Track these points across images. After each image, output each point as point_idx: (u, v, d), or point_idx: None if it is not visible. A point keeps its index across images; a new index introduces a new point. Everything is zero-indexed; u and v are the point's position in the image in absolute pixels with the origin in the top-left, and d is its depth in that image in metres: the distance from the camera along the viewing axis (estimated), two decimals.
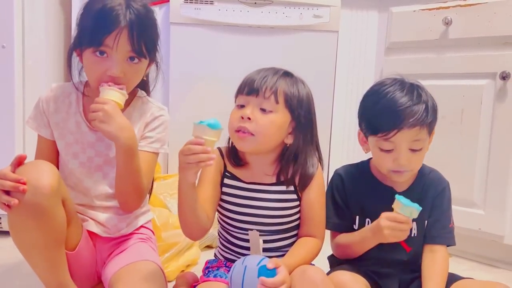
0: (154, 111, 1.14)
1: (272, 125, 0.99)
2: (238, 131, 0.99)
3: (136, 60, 1.03)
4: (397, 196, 0.99)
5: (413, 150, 1.01)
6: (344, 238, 1.09)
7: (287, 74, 1.04)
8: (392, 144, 1.01)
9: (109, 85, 0.99)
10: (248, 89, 1.00)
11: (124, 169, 1.03)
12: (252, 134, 0.98)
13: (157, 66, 1.14)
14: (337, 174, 1.14)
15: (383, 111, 1.01)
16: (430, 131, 1.04)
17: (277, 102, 0.99)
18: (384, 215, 0.98)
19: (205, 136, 0.89)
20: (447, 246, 1.09)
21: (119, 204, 1.10)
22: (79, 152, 1.09)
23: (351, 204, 1.10)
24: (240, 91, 1.03)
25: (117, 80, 1.01)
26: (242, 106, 1.01)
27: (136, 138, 1.07)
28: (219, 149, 1.09)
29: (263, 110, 0.99)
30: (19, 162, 0.92)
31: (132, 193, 1.06)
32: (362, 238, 1.04)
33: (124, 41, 0.99)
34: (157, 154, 1.14)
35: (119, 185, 1.06)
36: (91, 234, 1.09)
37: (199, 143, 0.87)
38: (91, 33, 0.99)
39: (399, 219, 0.97)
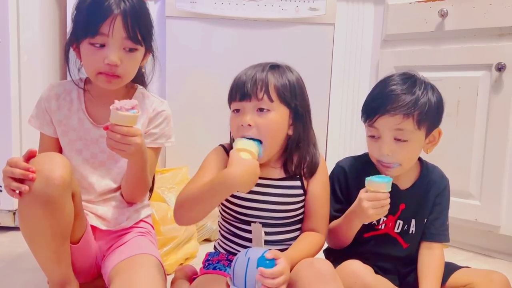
0: (157, 106, 1.15)
1: (273, 124, 0.99)
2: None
3: (132, 48, 1.03)
4: (367, 178, 0.99)
5: (397, 140, 1.00)
6: (334, 223, 1.09)
7: (273, 67, 1.02)
8: (377, 131, 1.01)
9: (118, 108, 0.94)
10: (240, 94, 0.99)
11: (134, 173, 1.07)
12: (260, 142, 0.98)
13: (153, 56, 1.14)
14: (340, 167, 1.13)
15: (372, 98, 1.04)
16: (424, 127, 1.01)
17: (271, 100, 0.98)
18: (364, 196, 0.98)
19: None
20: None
21: (125, 198, 1.13)
22: (82, 149, 1.10)
23: (353, 199, 1.08)
24: (232, 98, 1.01)
25: (114, 69, 1.01)
26: (238, 111, 1.00)
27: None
28: (223, 146, 1.08)
29: (260, 110, 0.98)
30: (29, 156, 0.93)
31: (139, 188, 1.11)
32: (348, 220, 1.04)
33: (119, 27, 1.00)
34: (160, 148, 1.17)
35: (127, 185, 1.10)
36: (91, 227, 1.10)
37: None
38: (86, 23, 1.00)
39: (379, 197, 0.97)
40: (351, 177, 1.10)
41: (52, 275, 0.99)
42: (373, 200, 0.96)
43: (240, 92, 0.99)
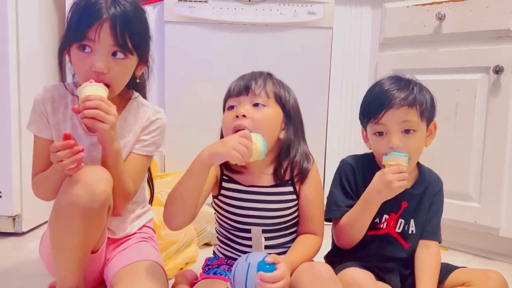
0: (150, 115, 1.11)
1: (268, 118, 1.01)
2: (236, 131, 0.97)
3: (121, 56, 0.99)
4: (390, 153, 1.03)
5: (405, 132, 1.04)
6: (347, 216, 1.08)
7: (271, 75, 1.07)
8: (384, 127, 1.04)
9: (90, 82, 0.94)
10: (238, 89, 1.02)
11: (110, 166, 1.00)
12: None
13: (147, 67, 1.10)
14: (346, 163, 1.14)
15: (373, 98, 1.08)
16: (425, 119, 1.05)
17: (268, 96, 1.02)
18: (387, 170, 1.01)
19: None
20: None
21: None
22: None
23: (360, 195, 1.09)
24: (229, 95, 1.05)
25: (101, 76, 0.98)
26: (233, 107, 1.03)
27: (132, 142, 1.09)
28: None
29: (255, 105, 1.01)
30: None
31: (117, 195, 1.02)
32: (365, 204, 1.04)
33: (106, 33, 0.96)
34: (150, 157, 1.13)
35: None
36: None
37: None
38: (75, 28, 0.98)
39: (402, 169, 1.00)
40: (358, 173, 1.12)
41: (65, 282, 0.99)
42: (396, 173, 1.00)
43: (237, 88, 1.02)
